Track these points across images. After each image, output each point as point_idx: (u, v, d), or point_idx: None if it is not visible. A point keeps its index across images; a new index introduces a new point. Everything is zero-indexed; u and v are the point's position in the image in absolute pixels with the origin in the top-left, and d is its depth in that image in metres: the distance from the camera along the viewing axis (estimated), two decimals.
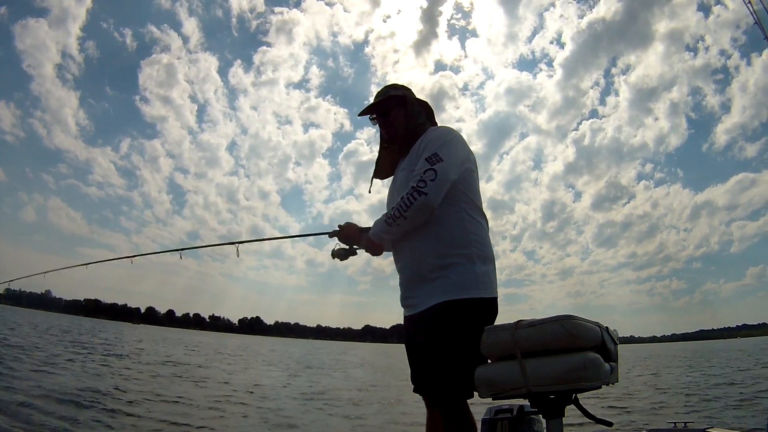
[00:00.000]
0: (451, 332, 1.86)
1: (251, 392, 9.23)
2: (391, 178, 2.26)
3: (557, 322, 1.66)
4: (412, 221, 1.91)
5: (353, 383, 13.66)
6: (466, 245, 1.93)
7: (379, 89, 2.25)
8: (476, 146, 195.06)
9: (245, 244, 2.61)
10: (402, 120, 2.13)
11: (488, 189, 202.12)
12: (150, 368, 11.66)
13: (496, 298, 1.97)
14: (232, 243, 2.61)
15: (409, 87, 2.27)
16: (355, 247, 2.28)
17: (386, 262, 2.13)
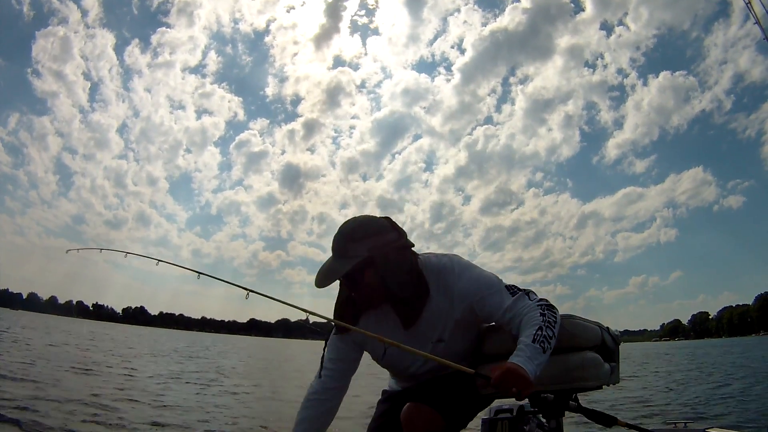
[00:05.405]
0: None
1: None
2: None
3: None
4: (555, 340, 1.62)
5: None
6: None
7: (336, 240, 1.74)
8: (369, 144, 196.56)
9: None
10: (376, 281, 1.70)
11: (378, 188, 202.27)
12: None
13: None
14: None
15: (377, 221, 1.76)
16: None
17: (272, 255, 1.86)
